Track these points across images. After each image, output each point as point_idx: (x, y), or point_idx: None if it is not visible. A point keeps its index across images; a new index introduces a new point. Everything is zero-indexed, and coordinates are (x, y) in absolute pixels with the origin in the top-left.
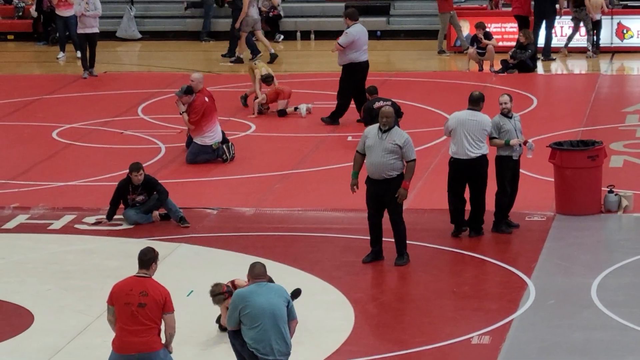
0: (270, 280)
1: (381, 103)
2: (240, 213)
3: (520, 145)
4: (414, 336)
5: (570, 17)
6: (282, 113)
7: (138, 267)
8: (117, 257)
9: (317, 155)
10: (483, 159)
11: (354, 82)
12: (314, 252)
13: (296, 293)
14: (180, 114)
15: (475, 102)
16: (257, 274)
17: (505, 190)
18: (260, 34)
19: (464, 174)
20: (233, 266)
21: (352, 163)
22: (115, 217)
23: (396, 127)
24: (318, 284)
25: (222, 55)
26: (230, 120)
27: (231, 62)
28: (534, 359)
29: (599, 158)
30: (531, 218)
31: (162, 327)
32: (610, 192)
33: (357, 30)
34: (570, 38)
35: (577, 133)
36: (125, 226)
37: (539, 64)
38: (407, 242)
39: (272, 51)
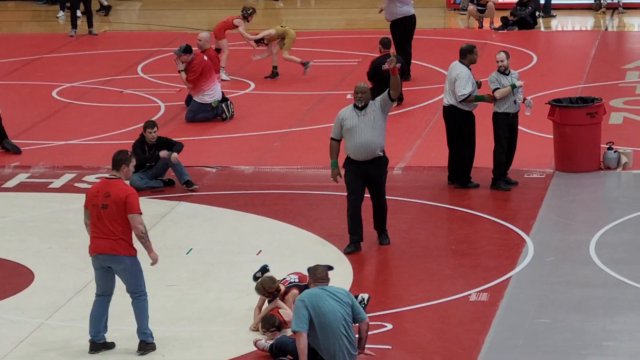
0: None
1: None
2: (239, 171)
3: (516, 102)
4: (412, 293)
5: None
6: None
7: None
8: None
9: (316, 114)
10: (452, 109)
11: (407, 36)
12: (312, 210)
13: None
14: (179, 71)
15: (461, 54)
16: (320, 277)
17: (501, 147)
18: None
19: (445, 121)
20: (232, 224)
21: None
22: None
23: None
24: (317, 242)
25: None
26: (230, 78)
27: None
28: (532, 316)
29: (598, 115)
30: (530, 175)
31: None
32: (610, 149)
33: None
34: None
35: (576, 90)
36: None
37: (540, 21)
38: (406, 199)
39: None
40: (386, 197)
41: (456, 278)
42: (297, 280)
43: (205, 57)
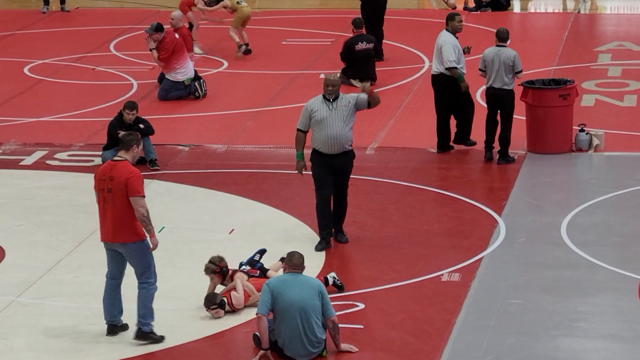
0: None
1: (364, 45)
2: (212, 150)
3: None
4: (384, 273)
5: None
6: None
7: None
8: (89, 192)
9: (289, 93)
10: (442, 77)
11: (375, 15)
12: (285, 189)
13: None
14: (150, 50)
15: (445, 21)
16: (295, 264)
17: (511, 123)
18: None
19: (434, 89)
20: (204, 202)
21: None
22: (88, 153)
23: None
24: (290, 221)
25: None
26: (203, 57)
27: None
28: (504, 297)
29: (570, 97)
30: None
31: None
32: (582, 130)
33: None
34: None
35: (549, 72)
36: (97, 162)
37: (516, 2)
38: (379, 179)
39: None
40: (358, 177)
41: (428, 258)
42: (247, 269)
43: (177, 36)
